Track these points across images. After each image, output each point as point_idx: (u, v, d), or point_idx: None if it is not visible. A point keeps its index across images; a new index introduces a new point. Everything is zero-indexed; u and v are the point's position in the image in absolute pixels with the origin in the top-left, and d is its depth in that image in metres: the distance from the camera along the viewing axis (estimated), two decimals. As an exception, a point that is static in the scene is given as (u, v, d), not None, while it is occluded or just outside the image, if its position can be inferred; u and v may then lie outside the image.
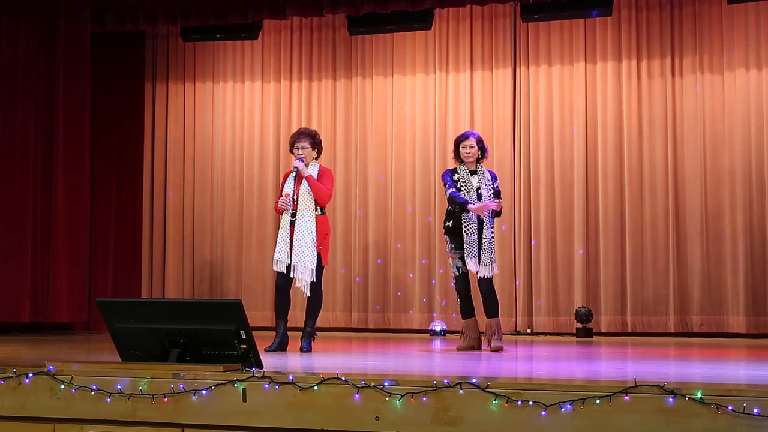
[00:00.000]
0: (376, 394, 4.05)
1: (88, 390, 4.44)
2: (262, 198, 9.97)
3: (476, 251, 6.83)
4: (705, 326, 8.89)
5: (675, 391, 3.72)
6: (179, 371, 4.37)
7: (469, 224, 6.88)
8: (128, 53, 10.27)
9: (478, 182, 6.95)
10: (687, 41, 9.20)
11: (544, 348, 7.54)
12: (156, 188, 10.22)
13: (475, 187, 6.93)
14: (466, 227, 6.88)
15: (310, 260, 6.66)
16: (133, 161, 10.17)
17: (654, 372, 4.91)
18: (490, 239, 6.86)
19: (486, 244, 6.84)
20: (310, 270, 6.66)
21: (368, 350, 7.39)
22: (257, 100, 10.18)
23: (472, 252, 6.85)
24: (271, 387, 4.20)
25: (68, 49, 9.27)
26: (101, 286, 9.80)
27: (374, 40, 9.87)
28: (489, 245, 6.84)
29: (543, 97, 9.48)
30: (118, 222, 10.10)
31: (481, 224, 6.88)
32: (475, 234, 6.86)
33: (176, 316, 4.62)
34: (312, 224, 6.72)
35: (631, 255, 9.12)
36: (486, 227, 6.87)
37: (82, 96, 9.41)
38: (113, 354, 4.87)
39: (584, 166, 9.30)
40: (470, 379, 3.99)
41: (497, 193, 6.98)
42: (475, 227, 6.87)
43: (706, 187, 9.04)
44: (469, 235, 6.87)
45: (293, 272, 6.69)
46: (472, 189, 6.92)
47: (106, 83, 9.97)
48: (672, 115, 9.18)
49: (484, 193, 6.91)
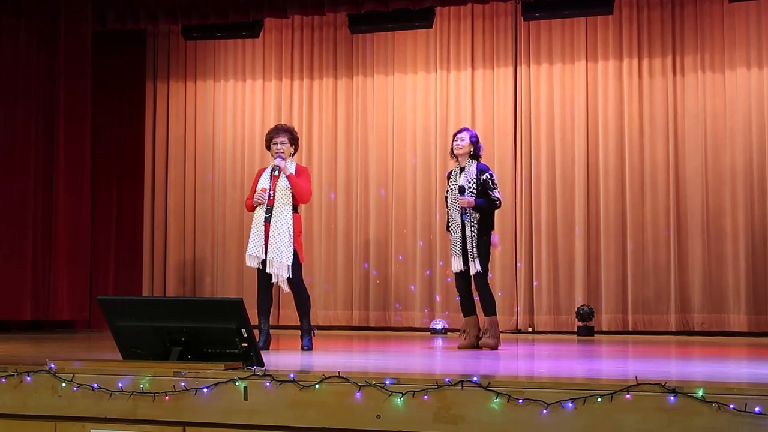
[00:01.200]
0: (378, 392, 4.05)
1: (90, 388, 4.43)
2: (263, 196, 9.96)
3: (459, 250, 6.83)
4: (706, 324, 8.89)
5: (676, 389, 3.72)
6: (180, 369, 4.37)
7: (453, 224, 6.89)
8: (129, 52, 10.27)
9: (463, 180, 6.90)
10: (688, 40, 9.20)
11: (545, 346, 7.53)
12: (157, 187, 10.22)
13: (458, 185, 6.89)
14: (452, 227, 6.91)
15: (286, 256, 6.62)
16: (134, 160, 10.17)
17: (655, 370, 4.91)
18: (471, 237, 6.80)
19: (468, 242, 6.80)
20: (286, 266, 6.63)
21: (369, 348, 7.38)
22: (258, 99, 10.18)
23: (455, 251, 6.85)
24: (273, 385, 4.20)
25: (69, 48, 9.27)
26: (102, 284, 9.80)
27: (375, 38, 9.87)
28: (471, 243, 6.80)
29: (544, 95, 9.48)
30: (119, 220, 10.10)
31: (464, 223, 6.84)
32: (459, 232, 6.85)
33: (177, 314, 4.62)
34: (290, 220, 6.67)
35: (632, 253, 9.11)
36: (467, 225, 6.83)
37: (83, 95, 9.41)
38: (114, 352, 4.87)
39: (585, 164, 9.30)
40: (472, 377, 3.98)
41: (483, 184, 6.81)
42: (458, 227, 6.86)
43: (707, 185, 9.04)
44: (453, 234, 6.88)
45: (269, 267, 6.66)
46: (455, 187, 6.90)
47: (107, 82, 9.97)
48: (673, 113, 9.17)
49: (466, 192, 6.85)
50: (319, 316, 9.65)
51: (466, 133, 7.02)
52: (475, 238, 6.78)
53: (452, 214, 6.89)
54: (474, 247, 6.76)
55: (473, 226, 6.80)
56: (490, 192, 6.80)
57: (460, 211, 6.82)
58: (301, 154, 9.87)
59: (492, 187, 6.83)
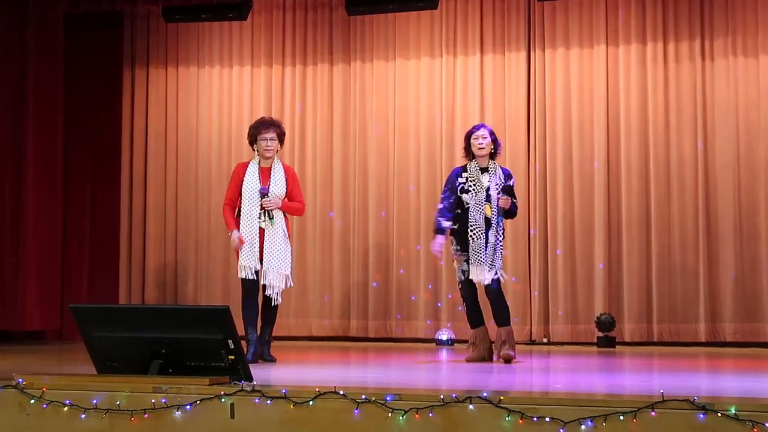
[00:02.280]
0: (378, 409, 4.05)
1: (61, 405, 4.44)
2: (251, 194, 9.95)
3: (482, 257, 6.84)
4: (739, 335, 8.88)
5: (706, 406, 3.72)
6: (161, 384, 4.37)
7: (476, 228, 6.88)
8: (105, 35, 10.27)
9: (489, 181, 6.95)
10: (718, 21, 9.19)
11: (561, 359, 7.54)
12: (135, 183, 10.22)
13: (485, 187, 6.92)
14: (473, 231, 6.89)
15: (284, 265, 6.72)
16: (110, 154, 10.17)
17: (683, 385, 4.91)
18: (495, 244, 6.86)
19: (491, 248, 6.84)
20: (284, 276, 6.72)
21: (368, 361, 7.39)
22: (246, 87, 10.17)
23: (477, 258, 6.85)
24: (262, 402, 4.20)
25: (39, 32, 9.27)
26: (75, 290, 9.81)
27: (375, 20, 9.87)
28: (494, 250, 6.84)
29: (560, 83, 9.47)
30: (94, 220, 10.10)
31: (489, 227, 6.87)
32: (482, 238, 6.86)
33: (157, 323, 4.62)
34: (283, 227, 6.78)
35: (658, 257, 9.11)
36: (492, 231, 6.86)
37: (55, 83, 9.41)
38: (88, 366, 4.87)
39: (605, 159, 9.30)
40: (481, 393, 3.98)
41: (507, 189, 6.97)
42: (482, 231, 6.86)
43: (740, 182, 9.03)
44: (475, 240, 6.87)
45: (264, 278, 6.73)
46: (482, 189, 6.92)
47: (80, 69, 9.97)
48: (702, 103, 9.17)
49: (493, 194, 6.91)
50: (313, 325, 9.65)
51: (485, 130, 7.10)
52: (501, 247, 6.90)
53: (475, 218, 6.89)
54: (497, 254, 6.83)
55: (499, 233, 6.92)
56: (513, 200, 6.99)
57: (484, 216, 6.86)
58: (293, 149, 9.88)
59: (514, 194, 7.04)
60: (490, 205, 6.91)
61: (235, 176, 7.03)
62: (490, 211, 6.90)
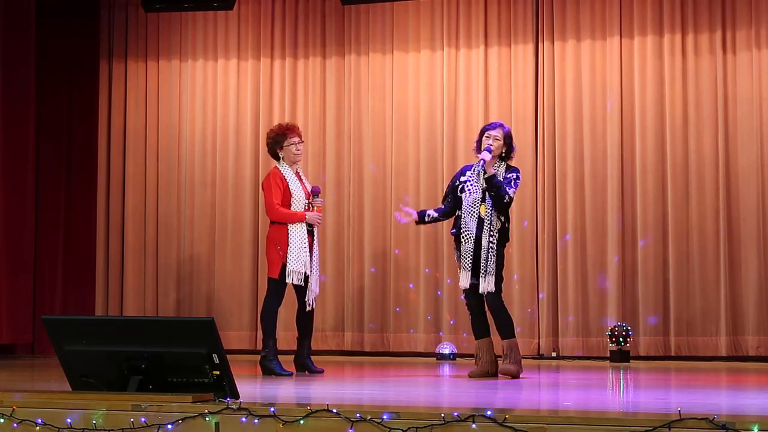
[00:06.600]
0: (374, 428, 4.05)
1: (33, 424, 4.43)
2: (238, 197, 9.97)
3: (467, 263, 6.83)
4: (762, 349, 8.89)
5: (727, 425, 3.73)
6: (140, 402, 4.37)
7: (466, 231, 6.88)
8: (80, 27, 10.27)
9: None
10: (740, 11, 9.21)
11: (572, 374, 7.54)
12: (113, 185, 10.21)
13: (482, 187, 6.90)
14: (463, 235, 6.90)
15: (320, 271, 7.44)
16: (85, 154, 10.17)
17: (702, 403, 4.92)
18: (487, 248, 6.83)
19: (483, 253, 6.81)
20: (320, 282, 7.39)
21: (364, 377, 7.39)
22: (233, 81, 10.18)
23: (465, 263, 6.86)
24: (249, 420, 4.20)
25: (8, 23, 9.27)
26: (48, 301, 9.80)
27: (371, 9, 9.87)
28: (487, 254, 6.81)
29: (570, 78, 9.48)
30: (68, 226, 10.10)
31: (481, 228, 6.84)
32: (471, 242, 6.85)
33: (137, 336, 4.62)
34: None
35: (675, 264, 9.12)
36: (485, 233, 6.83)
37: (26, 78, 9.41)
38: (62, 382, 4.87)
39: (619, 158, 9.31)
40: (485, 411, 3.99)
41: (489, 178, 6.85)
42: (471, 235, 6.86)
43: (764, 183, 9.04)
44: (464, 244, 6.89)
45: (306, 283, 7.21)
46: (478, 189, 6.90)
47: (53, 62, 9.97)
48: (723, 98, 9.18)
49: None
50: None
51: (501, 131, 7.05)
52: (493, 251, 6.82)
53: (466, 221, 6.89)
54: (489, 261, 6.79)
55: (492, 235, 6.82)
56: (507, 186, 6.89)
57: (476, 218, 6.84)
58: (284, 147, 9.88)
59: (513, 185, 6.94)
60: (486, 206, 6.88)
61: (280, 182, 7.35)
62: (485, 211, 6.87)
